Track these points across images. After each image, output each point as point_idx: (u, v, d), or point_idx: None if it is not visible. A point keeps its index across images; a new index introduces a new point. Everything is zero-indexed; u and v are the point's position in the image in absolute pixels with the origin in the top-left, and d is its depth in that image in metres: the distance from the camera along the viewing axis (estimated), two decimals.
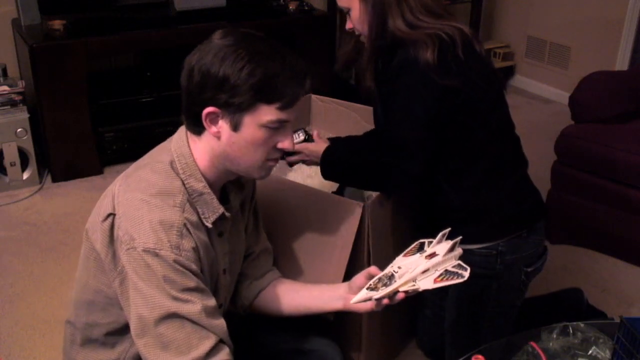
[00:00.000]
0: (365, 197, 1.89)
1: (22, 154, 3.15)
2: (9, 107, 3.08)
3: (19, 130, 3.10)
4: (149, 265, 1.15)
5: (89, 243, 1.28)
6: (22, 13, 3.22)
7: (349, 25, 1.65)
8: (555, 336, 1.35)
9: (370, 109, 2.21)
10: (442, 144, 1.58)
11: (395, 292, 1.28)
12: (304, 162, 1.76)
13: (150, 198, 1.20)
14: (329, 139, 1.81)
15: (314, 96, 2.33)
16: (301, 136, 1.76)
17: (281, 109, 1.22)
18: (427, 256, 1.30)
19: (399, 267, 1.31)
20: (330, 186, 1.98)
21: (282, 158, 1.77)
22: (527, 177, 1.75)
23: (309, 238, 1.70)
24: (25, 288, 2.47)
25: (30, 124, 3.12)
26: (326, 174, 1.68)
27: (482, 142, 1.63)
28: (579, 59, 4.10)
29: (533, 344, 1.32)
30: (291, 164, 1.79)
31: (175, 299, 1.16)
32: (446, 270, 1.29)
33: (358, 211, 1.61)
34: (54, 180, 3.27)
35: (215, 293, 1.31)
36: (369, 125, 2.10)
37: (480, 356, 1.23)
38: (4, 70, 3.21)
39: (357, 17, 1.60)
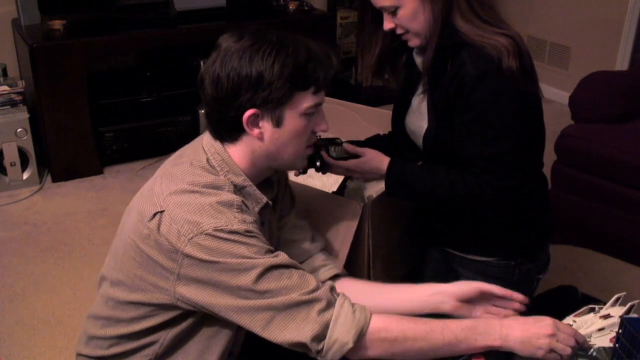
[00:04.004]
0: (365, 197, 1.89)
1: (22, 154, 3.16)
2: (9, 107, 3.08)
3: (19, 130, 3.10)
4: (226, 240, 1.13)
5: (134, 246, 1.22)
6: (22, 13, 3.22)
7: (389, 25, 1.49)
8: None
9: (371, 109, 2.21)
10: None
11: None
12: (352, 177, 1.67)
13: (200, 188, 1.19)
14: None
15: None
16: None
17: (316, 92, 1.23)
18: (602, 316, 1.27)
19: (574, 321, 1.27)
20: (330, 186, 1.98)
21: (319, 169, 1.62)
22: (548, 197, 1.70)
23: None
24: (25, 288, 2.47)
25: (30, 124, 3.12)
26: (393, 191, 1.56)
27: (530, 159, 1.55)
28: (579, 59, 4.10)
29: None
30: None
31: (264, 257, 1.14)
32: None
33: (358, 211, 1.61)
34: (54, 180, 3.27)
35: None
36: (370, 126, 2.09)
37: (480, 356, 1.23)
38: (4, 70, 3.21)
39: (408, 15, 1.45)
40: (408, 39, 1.51)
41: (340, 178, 1.91)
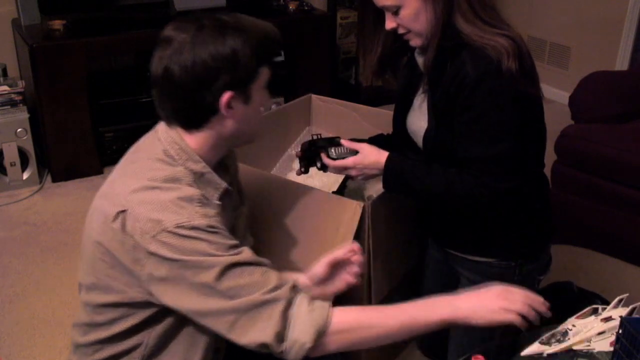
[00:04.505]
0: (366, 197, 1.89)
1: (22, 154, 3.16)
2: (9, 107, 3.08)
3: (19, 130, 3.10)
4: (187, 237, 1.13)
5: (101, 248, 1.22)
6: (22, 13, 3.22)
7: (391, 25, 1.49)
8: None
9: (371, 109, 2.22)
10: None
11: (569, 349, 1.23)
12: (352, 176, 1.63)
13: (160, 184, 1.19)
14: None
15: (314, 96, 2.33)
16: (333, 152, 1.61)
17: (272, 63, 1.27)
18: (603, 319, 1.27)
19: (573, 325, 1.27)
20: (330, 186, 1.98)
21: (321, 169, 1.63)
22: (549, 198, 1.69)
23: (308, 238, 1.70)
24: (25, 288, 2.47)
25: (30, 124, 3.12)
26: (390, 187, 1.57)
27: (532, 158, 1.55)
28: (579, 59, 4.10)
29: None
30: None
31: (225, 255, 1.14)
32: None
33: (358, 211, 1.61)
34: (54, 180, 3.27)
35: None
36: (370, 126, 2.10)
37: (480, 356, 1.22)
38: (4, 70, 3.21)
39: (410, 15, 1.45)
40: (409, 39, 1.51)
41: (340, 178, 1.91)
